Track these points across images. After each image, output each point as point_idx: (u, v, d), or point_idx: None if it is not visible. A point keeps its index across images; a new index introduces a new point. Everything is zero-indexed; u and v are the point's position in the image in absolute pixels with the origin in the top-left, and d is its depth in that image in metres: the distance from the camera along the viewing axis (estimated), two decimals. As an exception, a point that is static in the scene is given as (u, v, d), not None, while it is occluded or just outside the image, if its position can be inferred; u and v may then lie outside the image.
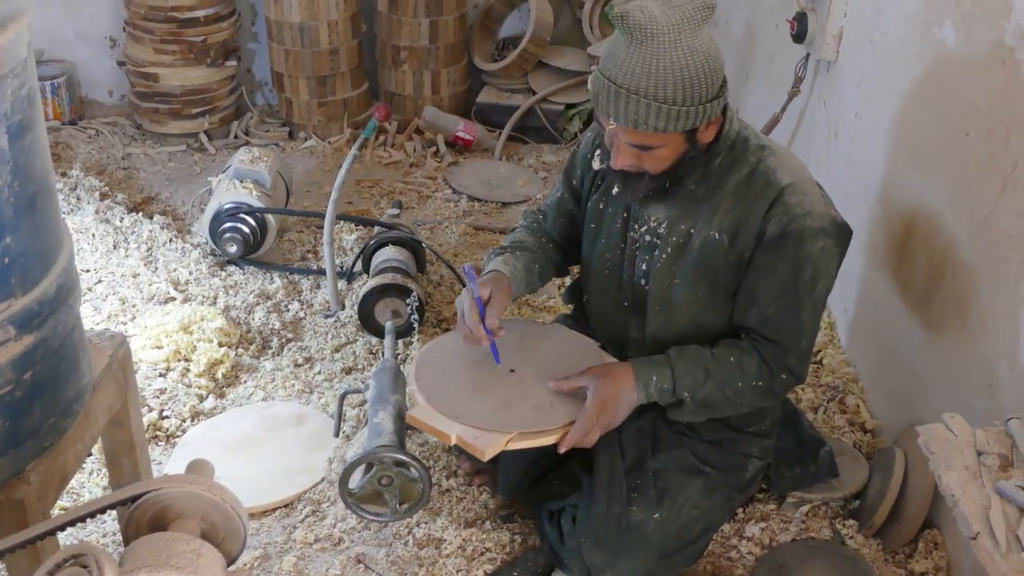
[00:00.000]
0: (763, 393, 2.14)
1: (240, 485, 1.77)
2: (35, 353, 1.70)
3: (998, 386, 2.12)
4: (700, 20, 1.90)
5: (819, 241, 2.04)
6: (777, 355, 2.11)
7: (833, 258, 2.09)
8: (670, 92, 1.89)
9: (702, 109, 1.93)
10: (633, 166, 2.05)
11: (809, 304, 2.09)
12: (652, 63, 1.88)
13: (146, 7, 4.27)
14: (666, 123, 1.92)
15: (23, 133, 1.59)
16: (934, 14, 2.41)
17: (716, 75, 1.93)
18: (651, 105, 1.90)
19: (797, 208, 2.02)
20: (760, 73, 3.75)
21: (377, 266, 3.26)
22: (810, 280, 2.06)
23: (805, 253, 2.03)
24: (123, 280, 3.44)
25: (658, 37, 1.87)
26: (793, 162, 2.11)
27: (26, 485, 1.76)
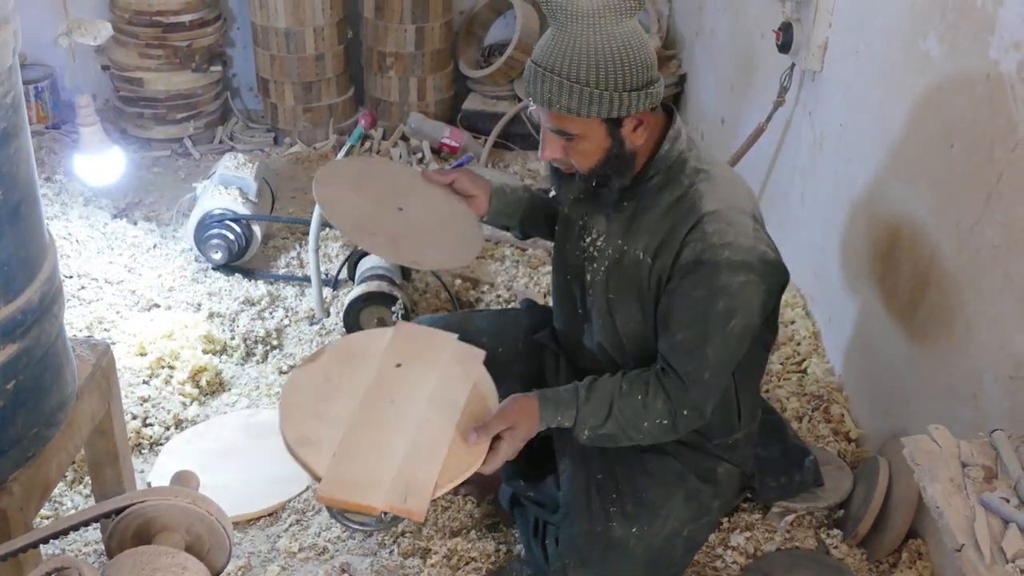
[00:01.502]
0: (666, 431, 2.10)
1: (224, 494, 1.76)
2: (18, 362, 1.69)
3: (982, 397, 2.13)
4: (624, 10, 1.92)
5: (738, 275, 1.97)
6: (680, 390, 2.05)
7: (756, 295, 2.01)
8: (583, 72, 1.91)
9: (616, 96, 1.93)
10: (562, 162, 2.08)
11: (719, 338, 2.01)
12: (570, 44, 1.92)
13: (131, 11, 4.25)
14: (578, 104, 1.93)
15: (8, 141, 1.59)
16: (919, 26, 2.42)
17: (635, 66, 1.93)
18: (563, 84, 1.92)
19: (715, 237, 1.97)
20: (745, 83, 3.76)
21: (363, 274, 3.26)
22: (723, 313, 1.99)
23: (721, 285, 1.98)
24: (106, 287, 3.42)
25: (578, 19, 1.90)
26: (728, 190, 2.05)
27: (8, 495, 1.75)
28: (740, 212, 2.01)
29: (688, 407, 2.07)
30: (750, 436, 2.35)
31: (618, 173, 2.07)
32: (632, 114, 1.98)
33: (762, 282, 2.01)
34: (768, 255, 2.03)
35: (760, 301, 2.03)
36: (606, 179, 2.08)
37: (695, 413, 2.08)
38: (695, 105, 4.47)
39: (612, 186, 2.09)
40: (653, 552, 2.19)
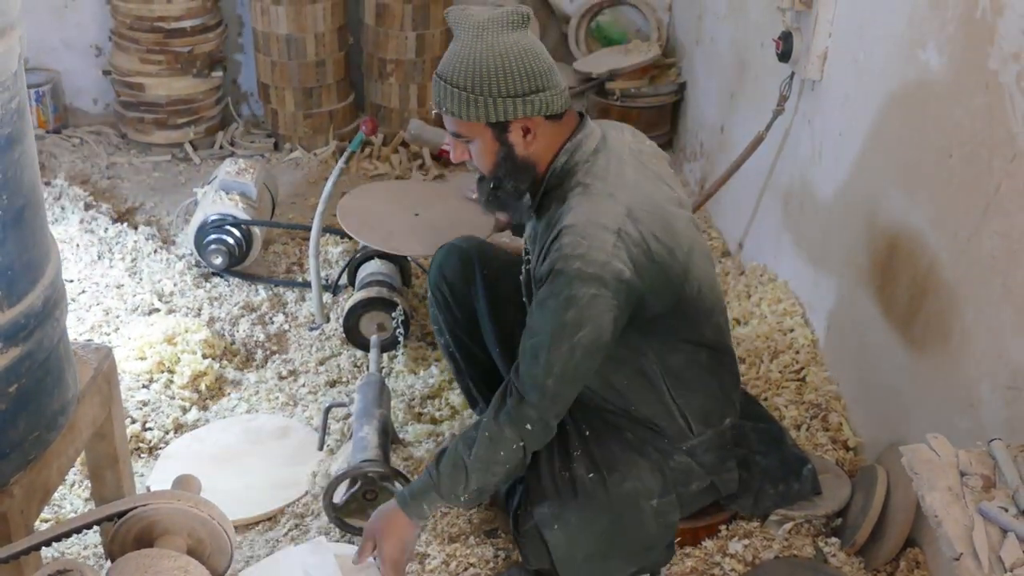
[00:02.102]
0: (525, 451, 2.15)
1: (223, 498, 1.77)
2: (21, 366, 1.70)
3: (980, 406, 2.13)
4: (509, 23, 2.08)
5: (589, 287, 2.02)
6: (520, 403, 2.10)
7: (607, 310, 2.04)
8: (462, 78, 2.07)
9: (492, 102, 2.07)
10: (469, 163, 2.23)
11: (566, 346, 2.05)
12: (459, 53, 2.09)
13: (133, 17, 4.26)
14: (459, 108, 2.09)
15: (12, 146, 1.59)
16: (918, 36, 2.44)
17: (513, 75, 2.06)
18: (447, 88, 2.10)
19: (569, 248, 2.03)
20: (745, 91, 3.77)
21: (363, 279, 3.26)
22: (572, 323, 2.03)
23: (571, 295, 2.03)
24: (107, 291, 3.42)
25: (467, 31, 2.09)
26: (597, 205, 2.09)
27: (9, 498, 1.75)
28: (600, 227, 2.05)
29: (530, 421, 2.11)
30: (713, 443, 2.35)
31: (511, 177, 2.19)
32: (514, 120, 2.10)
33: (614, 298, 2.05)
34: (624, 274, 2.04)
35: (611, 317, 2.06)
36: (500, 182, 2.20)
37: (540, 425, 2.12)
38: (695, 113, 4.48)
39: (507, 187, 2.21)
40: (618, 503, 2.24)
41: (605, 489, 2.25)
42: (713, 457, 2.36)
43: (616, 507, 2.25)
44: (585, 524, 2.24)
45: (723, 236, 3.95)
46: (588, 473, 2.27)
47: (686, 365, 2.27)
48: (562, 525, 2.23)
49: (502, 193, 2.22)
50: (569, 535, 2.24)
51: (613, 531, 2.25)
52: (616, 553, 2.27)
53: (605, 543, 2.26)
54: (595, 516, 2.24)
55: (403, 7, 4.43)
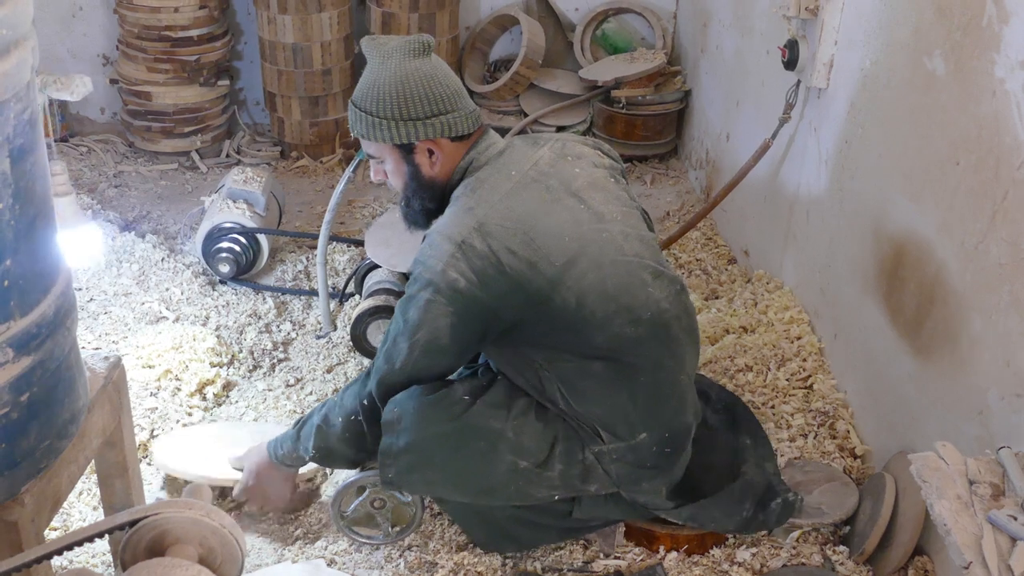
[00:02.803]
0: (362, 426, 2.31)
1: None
2: (32, 375, 1.70)
3: (988, 414, 2.13)
4: (410, 51, 2.22)
5: (425, 292, 2.15)
6: (367, 379, 2.30)
7: (442, 316, 2.16)
8: (369, 103, 2.24)
9: (394, 125, 2.22)
10: (385, 182, 2.37)
11: (405, 344, 2.20)
12: (366, 79, 2.25)
13: (140, 26, 4.28)
14: (367, 131, 2.25)
15: (25, 156, 1.60)
16: (924, 44, 2.44)
17: (413, 99, 2.21)
18: (356, 112, 2.27)
19: (419, 255, 2.20)
20: (751, 99, 3.78)
21: (370, 288, 3.27)
22: (414, 323, 2.18)
23: (411, 295, 2.18)
24: (115, 299, 3.44)
25: (374, 59, 2.25)
26: (451, 218, 2.21)
27: (20, 507, 1.76)
28: (445, 238, 2.17)
29: (367, 397, 2.29)
30: (624, 455, 2.32)
31: (418, 196, 2.34)
32: (418, 141, 2.25)
33: (448, 304, 2.15)
34: (458, 283, 2.13)
35: (447, 323, 2.16)
36: (409, 200, 2.36)
37: (371, 404, 2.29)
38: (700, 121, 4.49)
39: (415, 206, 2.35)
40: (468, 429, 2.27)
41: (464, 409, 2.28)
42: (624, 470, 2.32)
43: (463, 429, 2.27)
44: (420, 419, 2.25)
45: (729, 244, 3.95)
46: (464, 395, 2.32)
47: (577, 375, 2.27)
48: (402, 407, 2.27)
49: (410, 211, 2.37)
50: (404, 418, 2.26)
51: (446, 444, 2.27)
52: (441, 464, 2.29)
53: (433, 446, 2.27)
54: (434, 417, 2.26)
55: (408, 16, 4.45)
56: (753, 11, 3.74)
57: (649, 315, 2.26)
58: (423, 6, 4.44)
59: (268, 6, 4.35)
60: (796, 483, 2.55)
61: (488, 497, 2.33)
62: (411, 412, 2.25)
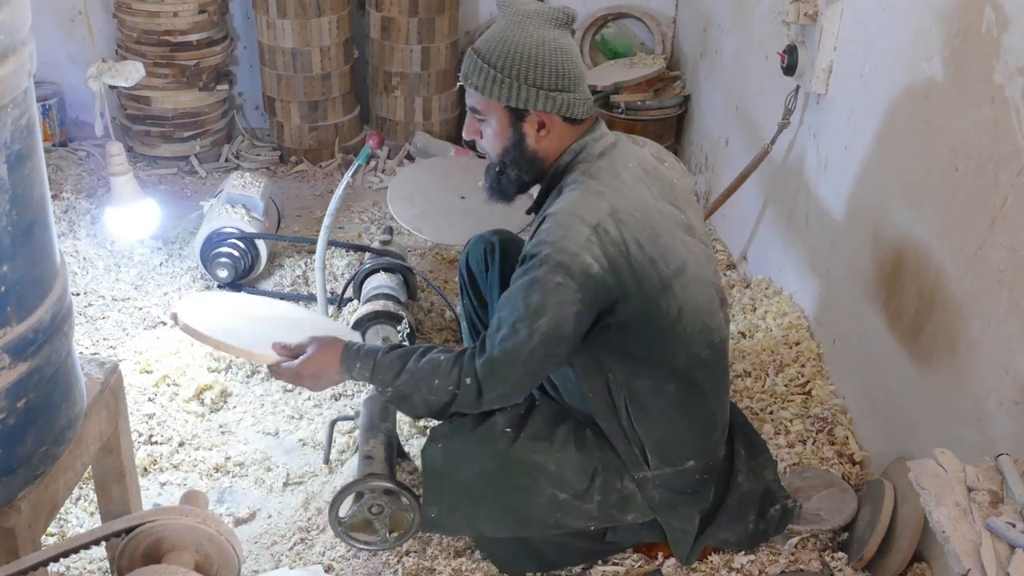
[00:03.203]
0: (453, 400, 2.15)
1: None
2: (29, 381, 1.70)
3: (987, 420, 2.13)
4: (552, 19, 2.15)
5: (556, 275, 2.03)
6: (474, 358, 2.12)
7: (569, 303, 2.04)
8: (494, 56, 2.14)
9: (516, 86, 2.13)
10: (478, 141, 2.28)
11: (525, 329, 2.05)
12: (498, 34, 2.16)
13: (139, 31, 4.28)
14: (483, 83, 2.16)
15: (22, 162, 1.60)
16: (923, 50, 2.44)
17: (544, 67, 2.13)
18: (477, 63, 2.16)
19: (544, 234, 2.07)
20: (750, 104, 3.78)
21: (368, 293, 3.27)
22: (535, 308, 2.04)
23: (537, 277, 2.04)
24: (113, 304, 3.43)
25: (510, 16, 2.16)
26: (583, 200, 2.11)
27: (17, 513, 1.76)
28: (578, 219, 2.07)
29: (471, 376, 2.11)
30: (669, 482, 2.30)
31: (516, 166, 2.24)
32: (532, 110, 2.16)
33: (579, 291, 2.04)
34: (591, 268, 2.04)
35: (573, 310, 2.05)
36: (505, 168, 2.25)
37: (472, 388, 2.12)
38: (699, 126, 4.49)
39: (511, 175, 2.26)
40: (512, 463, 2.23)
41: (508, 444, 2.24)
42: (665, 496, 2.31)
43: (507, 465, 2.24)
44: (465, 456, 2.23)
45: (728, 248, 3.95)
46: (506, 427, 2.27)
47: (651, 393, 2.22)
48: (445, 444, 2.25)
49: (505, 180, 2.28)
50: (447, 457, 2.25)
51: (491, 481, 2.25)
52: (484, 502, 2.26)
53: (478, 484, 2.24)
54: (480, 454, 2.23)
55: (408, 21, 4.45)
56: (752, 16, 3.74)
57: (719, 340, 2.28)
58: (423, 11, 4.44)
59: (267, 11, 4.35)
60: (795, 489, 2.54)
61: (526, 529, 2.31)
62: (456, 450, 2.24)
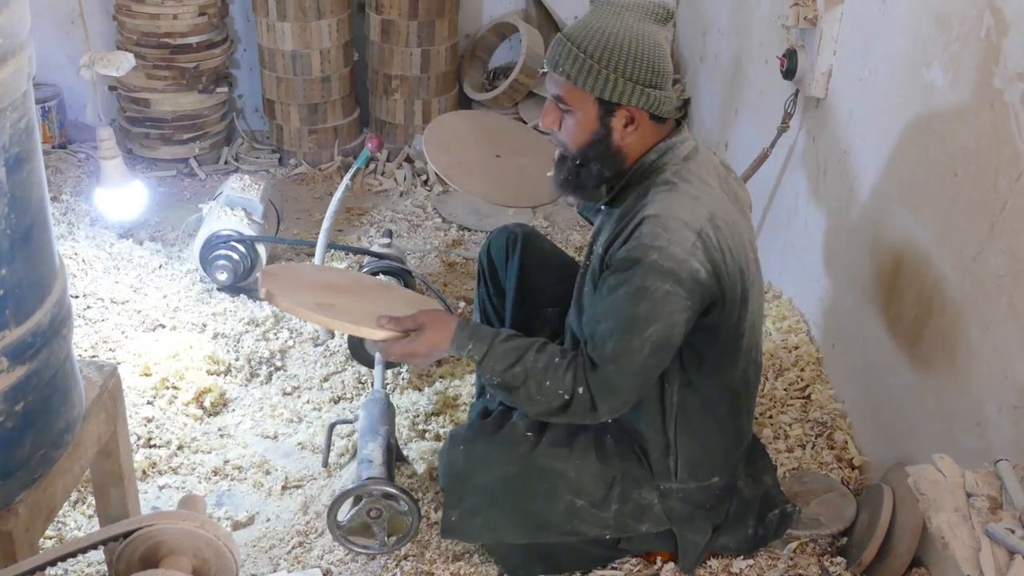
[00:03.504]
0: (562, 403, 2.09)
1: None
2: (27, 384, 1.70)
3: (986, 426, 2.13)
4: (652, 13, 2.09)
5: (664, 282, 1.99)
6: (586, 371, 2.06)
7: (680, 310, 2.01)
8: (590, 45, 2.05)
9: (612, 78, 2.05)
10: (555, 137, 2.19)
11: (636, 340, 2.01)
12: (593, 21, 2.08)
13: (139, 33, 4.28)
14: (576, 72, 2.07)
15: (21, 165, 1.60)
16: (922, 55, 2.44)
17: (640, 61, 2.05)
18: (571, 50, 2.07)
19: (648, 238, 2.01)
20: (749, 108, 3.78)
21: (367, 295, 3.26)
22: (644, 317, 2.00)
23: (645, 286, 1.99)
24: (112, 307, 3.43)
25: (608, 7, 2.09)
26: (682, 204, 2.06)
27: (15, 517, 1.75)
28: (682, 224, 2.02)
29: (585, 390, 2.06)
30: (692, 496, 2.30)
31: (600, 160, 2.16)
32: (624, 104, 2.08)
33: (688, 298, 2.02)
34: (699, 274, 2.02)
35: (683, 318, 2.03)
36: (587, 162, 2.17)
37: (586, 401, 2.07)
38: (698, 129, 4.49)
39: (592, 170, 2.17)
40: (533, 469, 2.22)
41: (530, 449, 2.23)
42: (685, 509, 2.31)
43: (528, 470, 2.23)
44: (487, 460, 2.23)
45: (727, 252, 3.94)
46: (527, 431, 2.26)
47: (701, 408, 2.22)
48: (467, 448, 2.24)
49: (585, 174, 2.18)
50: (468, 461, 2.24)
51: (512, 486, 2.23)
52: (504, 507, 2.24)
53: (499, 488, 2.23)
54: (502, 458, 2.23)
55: (408, 24, 4.45)
56: (752, 20, 3.75)
57: (760, 361, 2.29)
58: (423, 14, 4.44)
59: (267, 13, 4.35)
60: (794, 494, 2.54)
61: (544, 535, 2.30)
62: (478, 454, 2.24)
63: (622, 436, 2.31)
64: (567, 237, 4.09)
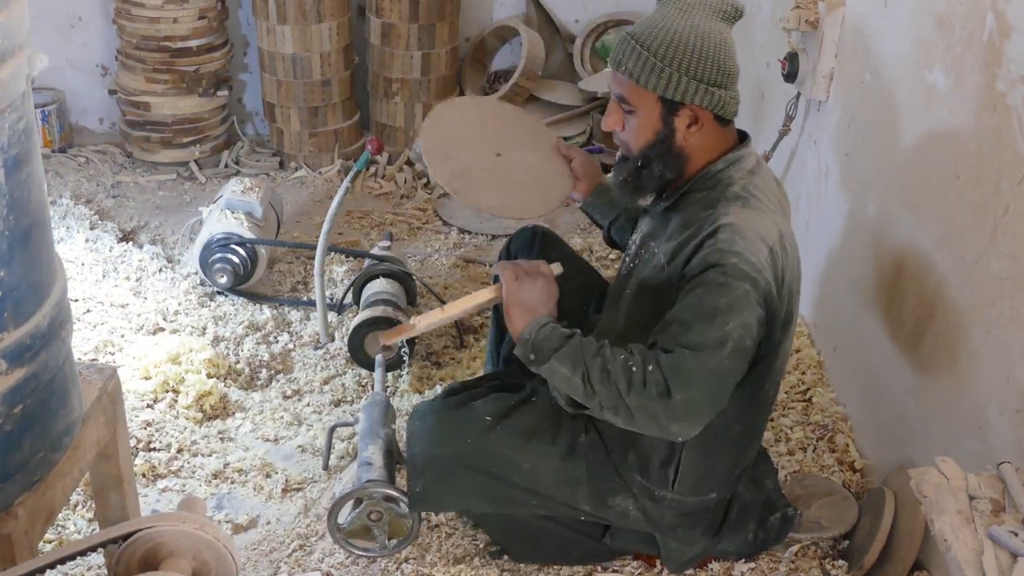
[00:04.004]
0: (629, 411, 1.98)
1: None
2: (26, 387, 1.69)
3: (988, 429, 2.12)
4: (720, 11, 2.05)
5: (743, 282, 1.96)
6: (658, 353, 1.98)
7: (751, 309, 1.98)
8: (655, 43, 2.03)
9: (676, 77, 2.03)
10: (619, 133, 2.17)
11: (716, 333, 1.94)
12: (660, 20, 2.05)
13: (139, 36, 4.27)
14: (640, 70, 2.04)
15: (19, 167, 1.59)
16: (924, 58, 2.44)
17: (705, 59, 2.02)
18: (636, 48, 2.05)
19: (725, 244, 1.98)
20: (750, 111, 3.77)
21: (368, 298, 3.26)
22: (725, 309, 1.94)
23: (726, 283, 1.95)
24: (112, 310, 3.42)
25: (674, 5, 2.06)
26: (756, 219, 2.04)
27: (14, 520, 1.75)
28: (759, 237, 2.02)
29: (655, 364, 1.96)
30: (685, 508, 2.26)
31: (662, 161, 2.13)
32: (688, 104, 2.05)
33: (761, 306, 2.00)
34: (770, 288, 2.02)
35: (755, 324, 2.01)
36: (649, 163, 2.14)
37: (659, 386, 1.94)
38: (699, 133, 4.48)
39: (654, 171, 2.15)
40: (484, 449, 2.21)
41: (483, 431, 2.22)
42: (674, 519, 2.28)
43: (480, 451, 2.21)
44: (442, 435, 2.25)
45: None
46: (486, 415, 2.24)
47: (717, 431, 2.15)
48: (422, 423, 2.28)
49: (647, 175, 2.15)
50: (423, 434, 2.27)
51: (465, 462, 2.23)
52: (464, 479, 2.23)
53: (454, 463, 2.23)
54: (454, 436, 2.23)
55: (408, 27, 4.45)
56: (753, 23, 3.74)
57: (780, 382, 2.27)
58: (423, 17, 4.44)
59: (267, 16, 4.35)
60: (795, 497, 2.54)
61: (511, 507, 2.30)
62: (429, 429, 2.25)
63: (613, 441, 2.26)
64: (568, 240, 4.08)
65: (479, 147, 2.53)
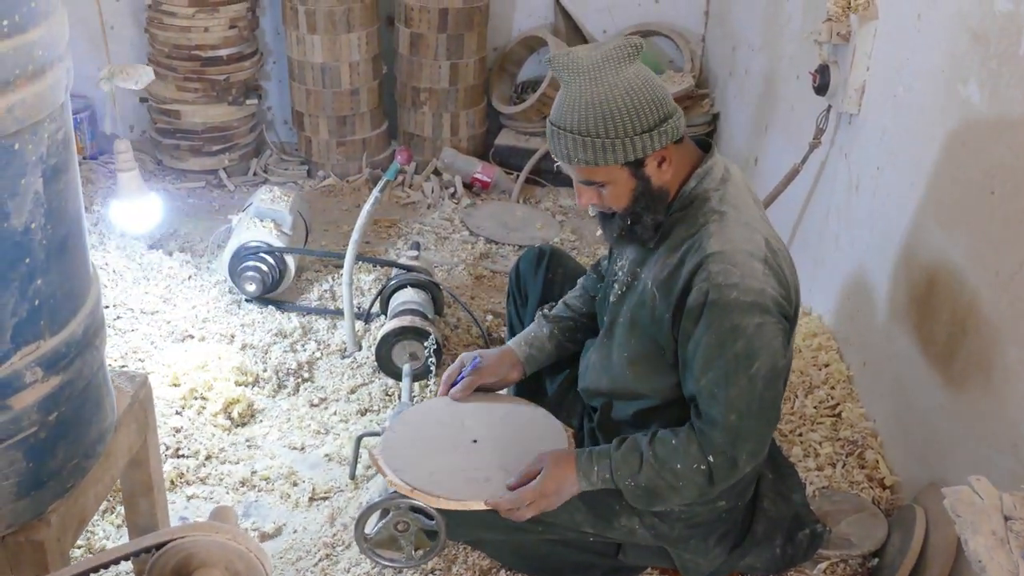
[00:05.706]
0: (704, 478, 2.07)
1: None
2: (61, 395, 1.71)
3: (1023, 446, 2.10)
4: (622, 58, 1.99)
5: (753, 316, 1.97)
6: (707, 432, 2.04)
7: (775, 336, 2.00)
8: (591, 126, 1.98)
9: (629, 142, 1.99)
10: (598, 205, 2.14)
11: (744, 380, 1.99)
12: (577, 100, 1.99)
13: (170, 45, 4.31)
14: (595, 156, 2.00)
15: (58, 176, 1.61)
16: (958, 72, 2.42)
17: (642, 109, 1.99)
18: (576, 139, 1.99)
19: (720, 278, 1.98)
20: (780, 124, 3.76)
21: (395, 308, 3.27)
22: (744, 355, 1.98)
23: (733, 326, 1.97)
24: (142, 317, 3.44)
25: (579, 75, 1.98)
26: (738, 233, 2.04)
27: (46, 527, 1.76)
28: (747, 255, 2.01)
29: (716, 452, 2.04)
30: (693, 517, 2.25)
31: (649, 210, 2.11)
32: (650, 153, 2.03)
33: (779, 322, 2.02)
34: (779, 297, 2.03)
35: (780, 342, 2.02)
36: (638, 217, 2.12)
37: (723, 459, 2.04)
38: (728, 144, 4.47)
39: (645, 223, 2.13)
40: None
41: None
42: (683, 532, 2.27)
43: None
44: None
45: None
46: None
47: None
48: None
49: (640, 228, 2.14)
50: None
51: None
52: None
53: None
54: None
55: (437, 37, 4.46)
56: (783, 36, 3.73)
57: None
58: (451, 27, 4.46)
59: (297, 26, 4.38)
60: (824, 513, 2.52)
61: (520, 534, 2.28)
62: None
63: None
64: (595, 251, 4.08)
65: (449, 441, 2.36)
